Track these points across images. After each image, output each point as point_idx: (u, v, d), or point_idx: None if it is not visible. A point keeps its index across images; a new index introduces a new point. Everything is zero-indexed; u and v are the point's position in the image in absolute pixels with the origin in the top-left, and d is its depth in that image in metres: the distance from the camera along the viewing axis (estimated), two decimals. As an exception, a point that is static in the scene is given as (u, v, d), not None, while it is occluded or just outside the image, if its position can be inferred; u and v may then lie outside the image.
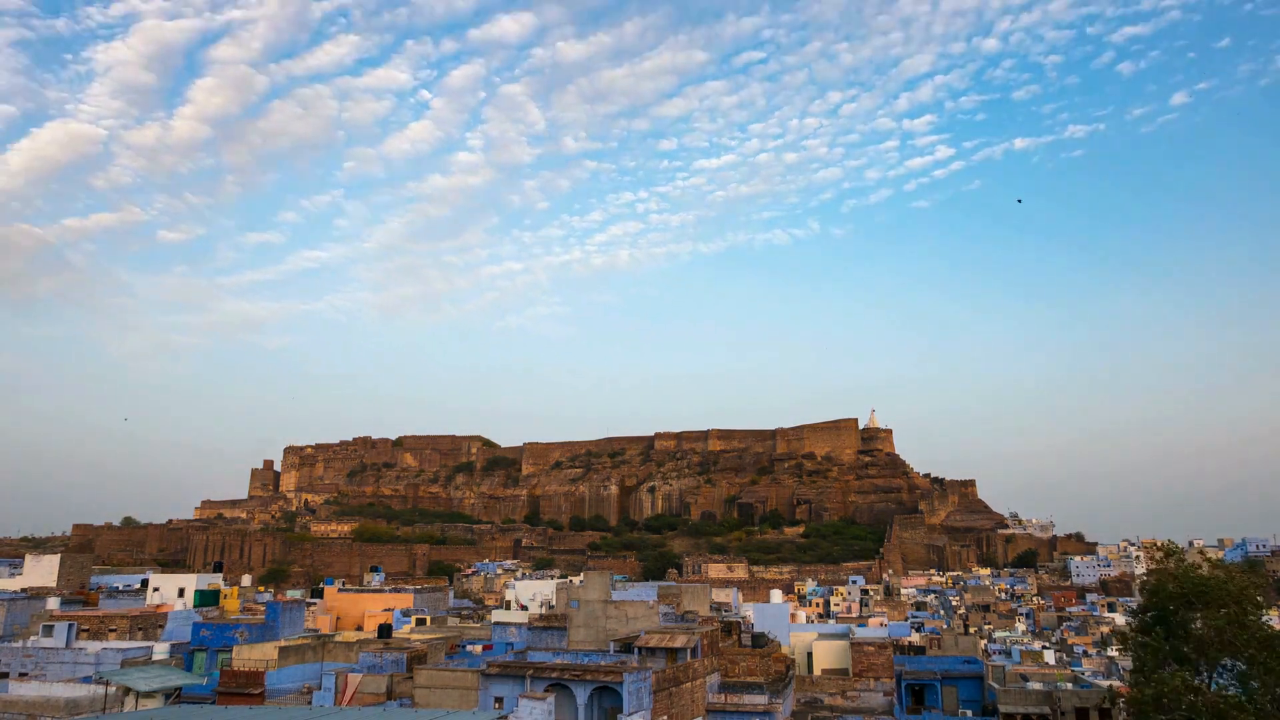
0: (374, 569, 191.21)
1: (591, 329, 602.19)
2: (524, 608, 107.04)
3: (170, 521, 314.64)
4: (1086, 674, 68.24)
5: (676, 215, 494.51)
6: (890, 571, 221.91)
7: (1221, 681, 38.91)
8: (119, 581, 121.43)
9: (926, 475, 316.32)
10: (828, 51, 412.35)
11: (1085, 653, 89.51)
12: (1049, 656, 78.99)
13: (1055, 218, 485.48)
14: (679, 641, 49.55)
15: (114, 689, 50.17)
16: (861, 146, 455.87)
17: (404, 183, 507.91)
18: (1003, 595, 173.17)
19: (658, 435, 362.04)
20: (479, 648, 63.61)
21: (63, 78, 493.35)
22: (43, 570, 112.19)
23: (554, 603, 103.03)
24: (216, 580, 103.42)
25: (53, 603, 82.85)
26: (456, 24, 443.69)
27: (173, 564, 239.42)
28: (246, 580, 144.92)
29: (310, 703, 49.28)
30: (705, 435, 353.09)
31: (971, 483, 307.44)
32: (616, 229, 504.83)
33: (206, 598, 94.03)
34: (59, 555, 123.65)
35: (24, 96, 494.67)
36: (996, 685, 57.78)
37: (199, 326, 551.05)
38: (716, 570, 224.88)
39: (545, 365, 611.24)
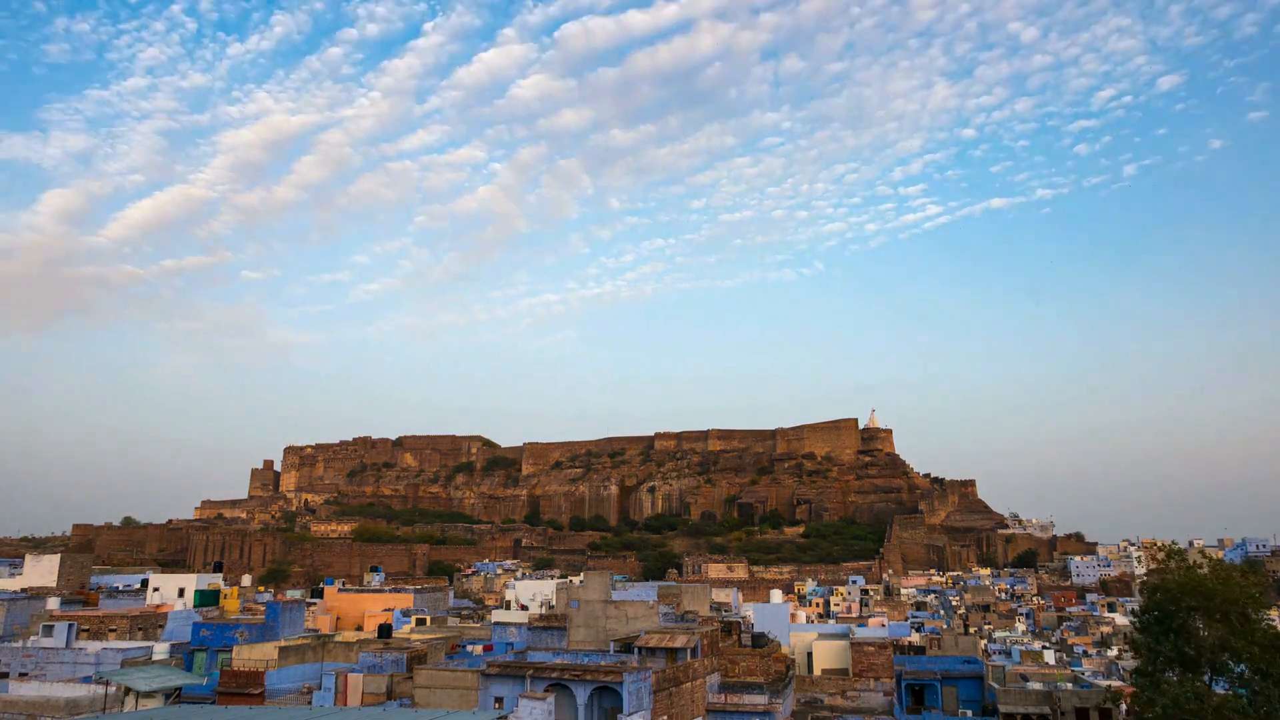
0: (374, 569, 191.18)
1: (599, 336, 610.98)
2: (524, 608, 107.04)
3: (170, 521, 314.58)
4: (1086, 674, 68.21)
5: (699, 258, 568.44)
6: (890, 571, 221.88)
7: (1224, 686, 38.89)
8: (119, 581, 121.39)
9: (926, 475, 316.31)
10: (836, 137, 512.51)
11: (1085, 653, 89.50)
12: (1049, 656, 78.96)
13: (1027, 262, 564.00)
14: (679, 641, 49.54)
15: (114, 689, 50.15)
16: (863, 206, 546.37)
17: (467, 232, 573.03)
18: (1003, 595, 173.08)
19: (658, 435, 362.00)
20: (479, 648, 63.59)
21: (191, 156, 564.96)
22: (43, 570, 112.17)
23: (554, 603, 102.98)
24: (216, 580, 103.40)
25: (53, 603, 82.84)
26: (530, 115, 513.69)
27: (173, 564, 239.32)
28: (246, 580, 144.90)
29: (310, 703, 49.27)
30: (705, 435, 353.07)
31: (971, 483, 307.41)
32: (646, 268, 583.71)
33: (206, 598, 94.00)
34: (59, 555, 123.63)
35: (155, 169, 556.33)
36: (996, 685, 57.76)
37: (248, 348, 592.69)
38: (716, 570, 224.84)
39: (547, 366, 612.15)
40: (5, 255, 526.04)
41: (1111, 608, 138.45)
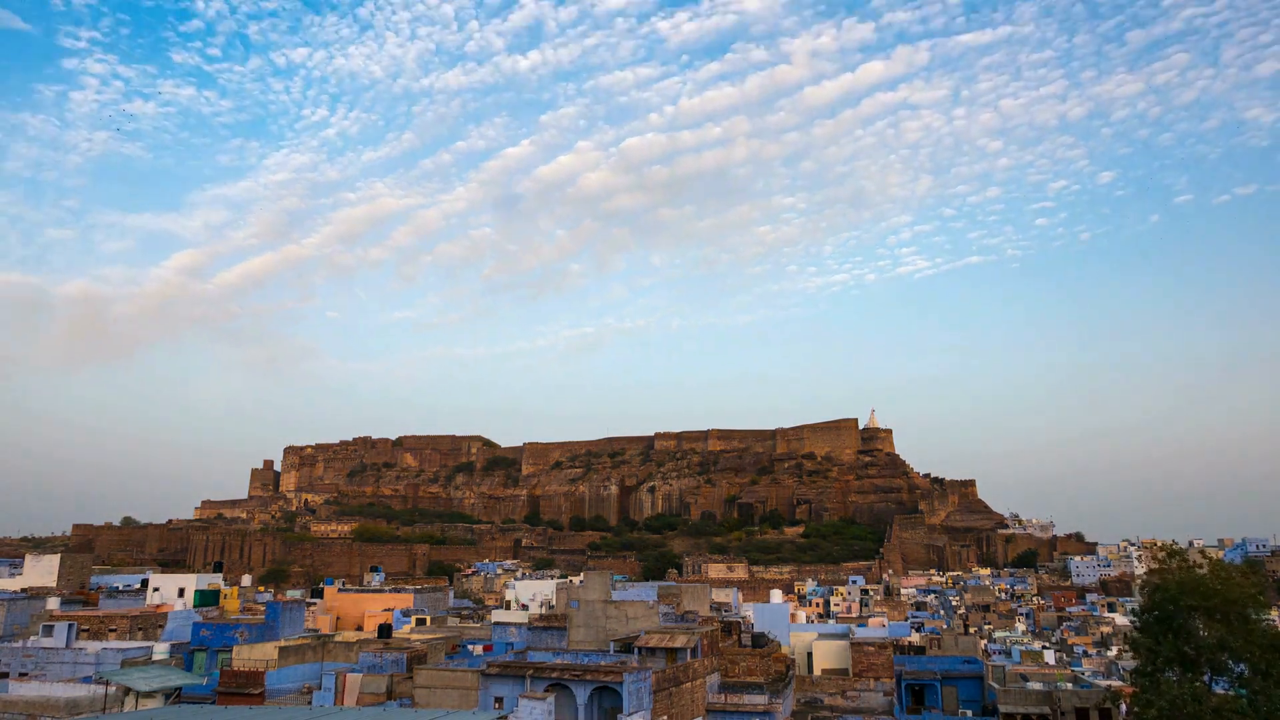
0: (374, 569, 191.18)
1: (624, 359, 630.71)
2: (524, 608, 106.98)
3: (170, 521, 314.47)
4: (1086, 674, 68.20)
5: (722, 298, 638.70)
6: (890, 571, 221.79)
7: (1224, 686, 38.88)
8: (119, 581, 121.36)
9: (926, 475, 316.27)
10: (841, 213, 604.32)
11: (1085, 653, 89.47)
12: (1049, 656, 78.94)
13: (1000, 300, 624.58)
14: (679, 641, 49.51)
15: (114, 689, 50.13)
16: (863, 263, 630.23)
17: (526, 282, 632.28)
18: (1003, 595, 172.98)
19: (658, 435, 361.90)
20: (479, 648, 63.58)
21: (306, 226, 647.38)
22: (43, 570, 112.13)
23: (554, 603, 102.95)
24: (216, 580, 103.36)
25: (53, 603, 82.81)
26: (593, 199, 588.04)
27: (173, 564, 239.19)
28: (246, 580, 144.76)
29: (310, 703, 49.25)
30: (705, 435, 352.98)
31: (971, 483, 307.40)
32: (674, 306, 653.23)
33: (206, 598, 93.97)
34: (59, 555, 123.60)
35: (273, 235, 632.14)
36: (996, 685, 57.75)
37: (302, 371, 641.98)
38: (716, 570, 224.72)
39: (549, 367, 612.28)
40: (125, 299, 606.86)
41: (1111, 608, 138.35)
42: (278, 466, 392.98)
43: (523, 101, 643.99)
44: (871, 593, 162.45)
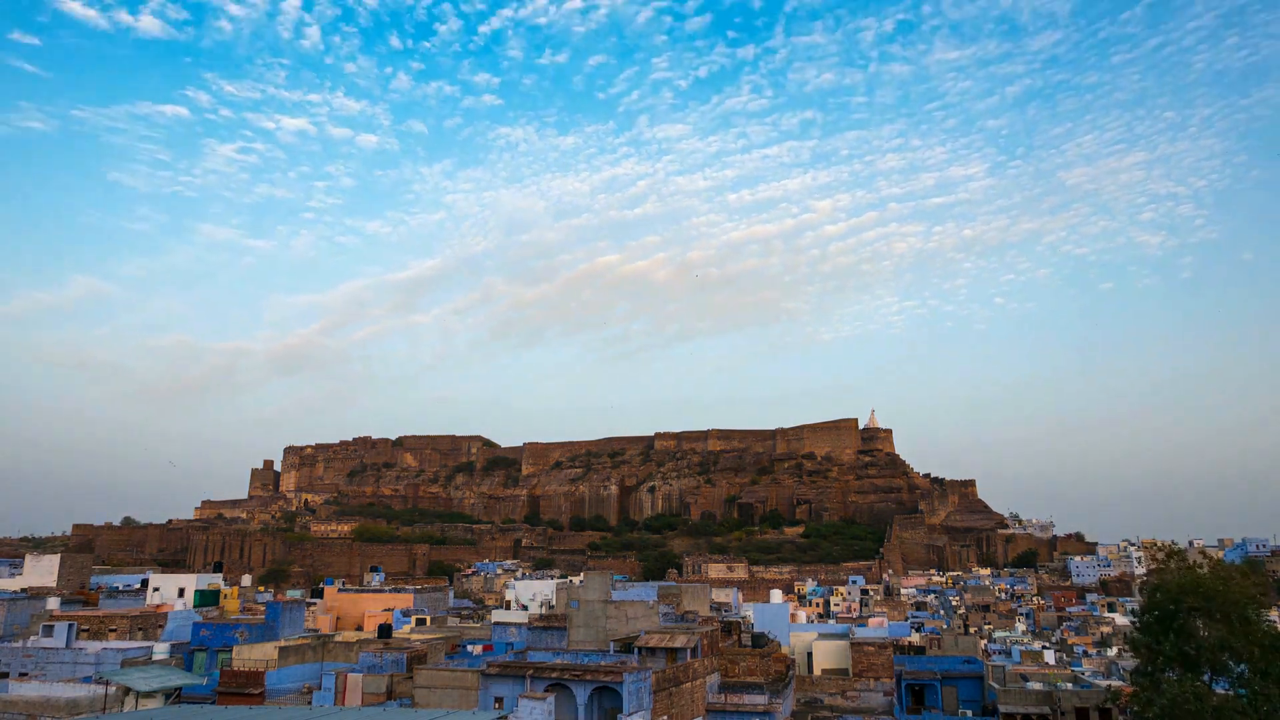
0: (374, 569, 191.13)
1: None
2: (524, 608, 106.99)
3: (170, 521, 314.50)
4: (1086, 674, 68.21)
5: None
6: (890, 571, 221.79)
7: (1224, 686, 38.87)
8: (119, 581, 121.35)
9: (926, 475, 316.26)
10: (847, 293, 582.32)
11: (1085, 653, 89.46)
12: (1049, 656, 78.96)
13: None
14: (679, 641, 49.53)
15: (114, 689, 50.12)
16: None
17: (588, 326, 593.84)
18: (1003, 595, 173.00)
19: (658, 435, 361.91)
20: (479, 648, 63.58)
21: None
22: (43, 570, 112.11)
23: (554, 603, 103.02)
24: (216, 580, 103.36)
25: (53, 603, 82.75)
26: (657, 295, 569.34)
27: (173, 564, 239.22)
28: (246, 580, 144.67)
29: (310, 703, 49.27)
30: (705, 435, 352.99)
31: (971, 483, 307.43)
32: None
33: (206, 598, 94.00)
34: (59, 555, 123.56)
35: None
36: (996, 685, 57.77)
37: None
38: (716, 570, 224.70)
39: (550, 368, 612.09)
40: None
41: (1111, 608, 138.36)
42: (278, 466, 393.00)
43: (625, 232, 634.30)
44: (871, 593, 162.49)
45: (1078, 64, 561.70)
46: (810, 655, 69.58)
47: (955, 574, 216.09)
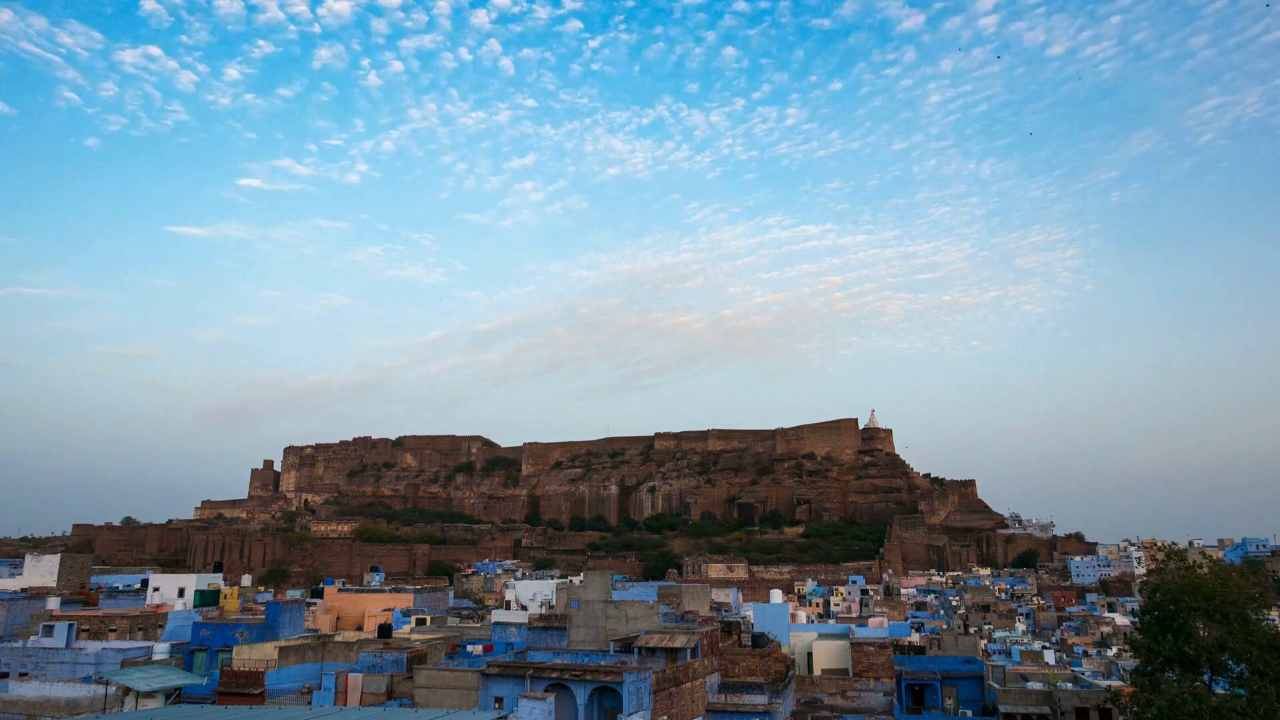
0: (374, 569, 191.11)
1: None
2: (524, 608, 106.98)
3: (170, 521, 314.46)
4: (1086, 674, 68.21)
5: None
6: (890, 571, 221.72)
7: (1223, 686, 38.88)
8: (119, 581, 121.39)
9: (926, 475, 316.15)
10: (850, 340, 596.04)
11: (1085, 653, 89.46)
12: (1049, 656, 78.99)
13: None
14: (679, 641, 49.53)
15: (114, 689, 50.13)
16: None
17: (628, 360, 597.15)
18: (1003, 595, 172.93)
19: (658, 435, 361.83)
20: (479, 648, 63.59)
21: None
22: (43, 570, 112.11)
23: (554, 603, 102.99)
24: (216, 580, 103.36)
25: (53, 603, 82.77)
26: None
27: (173, 564, 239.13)
28: (246, 580, 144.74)
29: (310, 703, 49.28)
30: (705, 435, 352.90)
31: (971, 483, 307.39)
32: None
33: (206, 598, 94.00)
34: (59, 555, 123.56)
35: None
36: (996, 685, 57.81)
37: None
38: (716, 570, 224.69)
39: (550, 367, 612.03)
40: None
41: (1111, 608, 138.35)
42: (278, 466, 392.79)
43: (673, 299, 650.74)
44: (871, 593, 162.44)
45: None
46: (810, 655, 69.56)
47: (955, 574, 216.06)
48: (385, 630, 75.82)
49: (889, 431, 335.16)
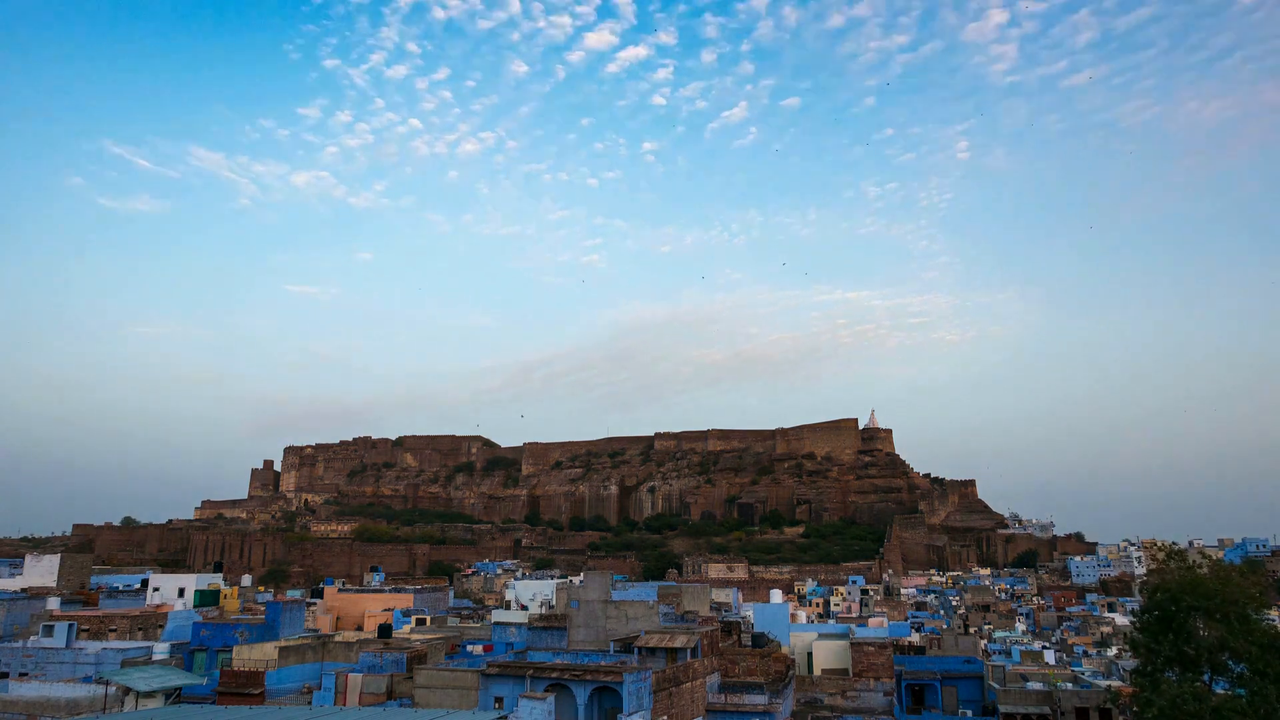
0: (374, 569, 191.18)
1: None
2: (524, 608, 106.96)
3: (170, 521, 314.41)
4: (1086, 674, 68.21)
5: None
6: (890, 571, 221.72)
7: (1223, 686, 38.87)
8: (119, 581, 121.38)
9: (926, 475, 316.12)
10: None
11: (1085, 653, 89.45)
12: (1049, 656, 78.99)
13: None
14: (679, 641, 49.53)
15: (114, 689, 50.13)
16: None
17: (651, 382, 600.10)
18: (1003, 595, 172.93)
19: (658, 435, 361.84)
20: (479, 648, 63.60)
21: None
22: (43, 570, 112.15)
23: (554, 603, 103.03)
24: (216, 580, 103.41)
25: (53, 603, 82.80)
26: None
27: (173, 564, 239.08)
28: (246, 580, 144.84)
29: (310, 703, 49.29)
30: (705, 435, 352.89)
31: (971, 483, 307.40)
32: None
33: (206, 598, 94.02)
34: (59, 555, 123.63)
35: None
36: (996, 685, 57.82)
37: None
38: (716, 570, 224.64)
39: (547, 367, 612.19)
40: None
41: (1111, 608, 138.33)
42: (278, 466, 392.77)
43: (698, 337, 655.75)
44: (871, 593, 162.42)
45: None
46: (810, 655, 69.56)
47: (955, 574, 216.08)
48: (385, 630, 75.86)
49: (889, 431, 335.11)
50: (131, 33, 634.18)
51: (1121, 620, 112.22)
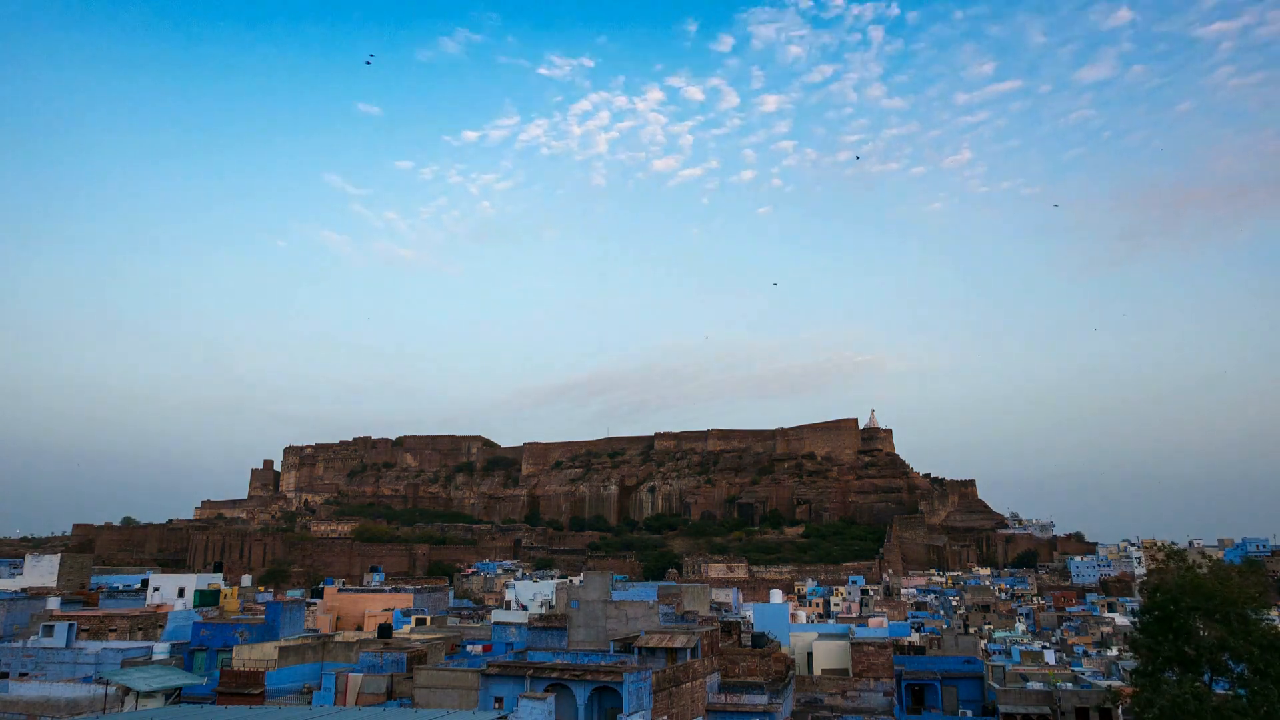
0: (374, 569, 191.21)
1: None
2: (524, 608, 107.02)
3: (170, 521, 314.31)
4: (1086, 674, 68.23)
5: None
6: (890, 571, 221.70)
7: (1223, 686, 38.87)
8: (119, 581, 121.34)
9: (926, 475, 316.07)
10: None
11: (1085, 653, 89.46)
12: (1049, 656, 78.99)
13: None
14: (679, 641, 49.52)
15: (114, 689, 50.13)
16: None
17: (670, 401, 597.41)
18: (1003, 595, 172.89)
19: (658, 435, 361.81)
20: (479, 648, 63.62)
21: None
22: (43, 570, 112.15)
23: (554, 603, 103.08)
24: (216, 580, 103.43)
25: (53, 603, 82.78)
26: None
27: (173, 564, 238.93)
28: (246, 580, 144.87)
29: (310, 703, 49.28)
30: (705, 435, 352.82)
31: (971, 483, 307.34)
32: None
33: (206, 598, 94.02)
34: (59, 555, 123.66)
35: None
36: (996, 685, 57.82)
37: None
38: (716, 570, 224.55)
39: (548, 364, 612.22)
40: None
41: (1111, 608, 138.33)
42: (278, 466, 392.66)
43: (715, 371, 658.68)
44: (871, 593, 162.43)
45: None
46: (810, 655, 69.54)
47: (955, 574, 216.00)
48: (385, 630, 75.85)
49: (889, 431, 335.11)
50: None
51: (1121, 620, 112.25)
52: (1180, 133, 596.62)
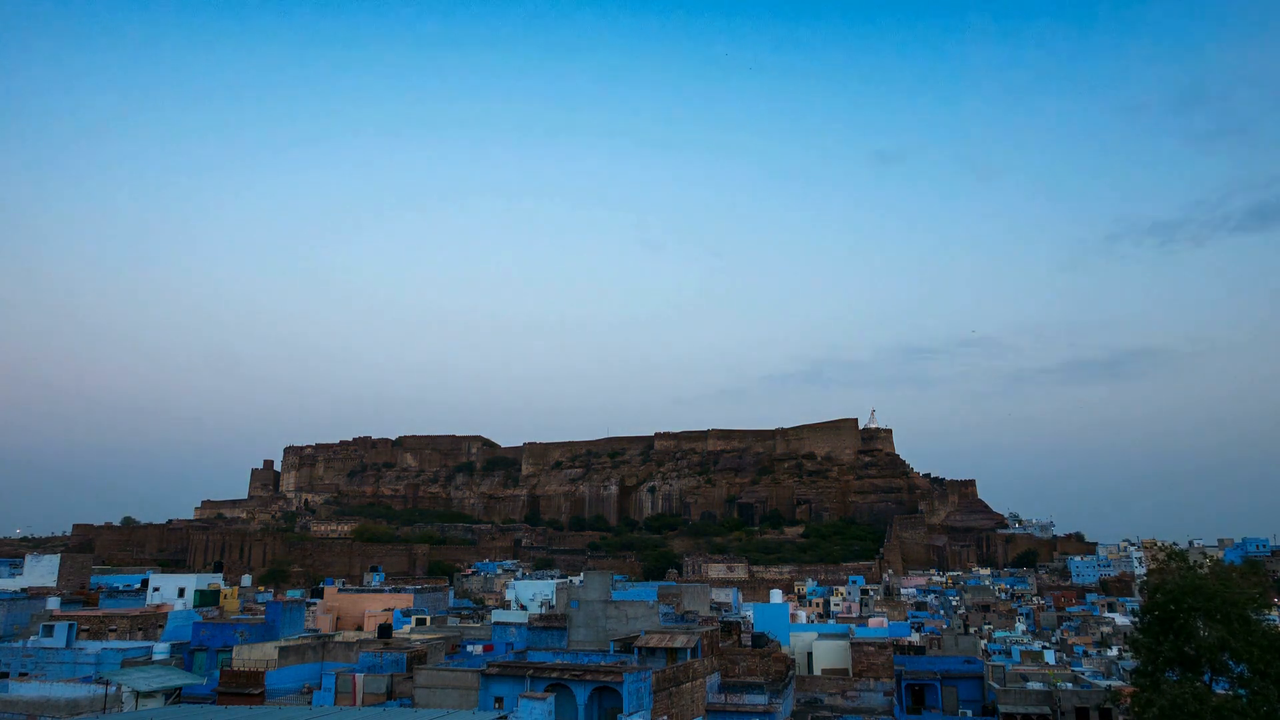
0: (374, 569, 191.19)
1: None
2: (524, 608, 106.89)
3: (170, 521, 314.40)
4: (1086, 674, 68.22)
5: None
6: (890, 571, 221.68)
7: (1224, 686, 38.84)
8: (119, 581, 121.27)
9: (926, 475, 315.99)
10: None
11: (1085, 653, 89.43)
12: (1049, 656, 79.03)
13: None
14: (679, 641, 49.50)
15: (114, 689, 50.10)
16: None
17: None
18: (1003, 595, 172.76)
19: (658, 435, 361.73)
20: (479, 648, 63.52)
21: None
22: (43, 570, 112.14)
23: (554, 603, 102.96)
24: (216, 580, 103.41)
25: (53, 603, 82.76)
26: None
27: (173, 564, 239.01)
28: (246, 580, 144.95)
29: (310, 703, 49.25)
30: (705, 435, 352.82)
31: (971, 483, 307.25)
32: None
33: (206, 598, 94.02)
34: (59, 555, 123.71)
35: None
36: (996, 685, 57.80)
37: None
38: (716, 570, 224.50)
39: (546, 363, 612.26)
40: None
41: (1111, 608, 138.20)
42: (278, 466, 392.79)
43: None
44: (871, 593, 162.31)
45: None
46: (810, 655, 69.49)
47: (955, 574, 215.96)
48: (385, 630, 75.81)
49: (889, 431, 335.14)
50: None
51: (1121, 620, 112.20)
52: None
